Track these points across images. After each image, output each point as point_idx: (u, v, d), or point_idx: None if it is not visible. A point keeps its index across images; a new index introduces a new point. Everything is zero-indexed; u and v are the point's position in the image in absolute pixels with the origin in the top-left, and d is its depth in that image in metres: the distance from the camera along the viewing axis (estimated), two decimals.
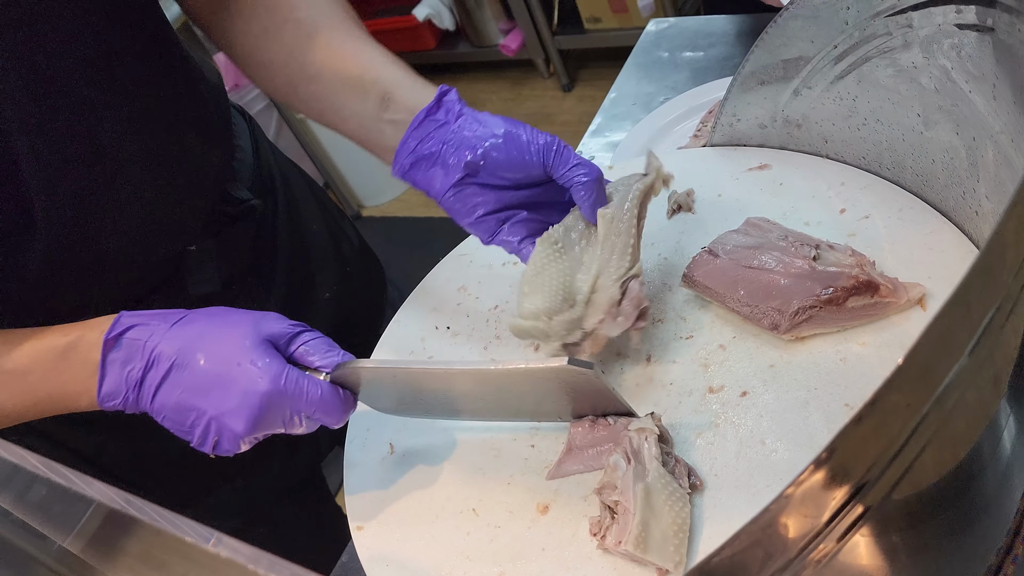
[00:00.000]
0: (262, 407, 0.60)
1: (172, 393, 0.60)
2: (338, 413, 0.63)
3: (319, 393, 0.61)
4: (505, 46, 3.01)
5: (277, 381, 0.60)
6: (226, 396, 0.59)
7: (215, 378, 0.60)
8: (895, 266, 0.69)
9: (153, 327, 0.61)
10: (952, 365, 0.35)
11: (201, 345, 0.60)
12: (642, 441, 0.62)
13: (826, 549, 0.36)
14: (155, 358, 0.60)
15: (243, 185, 0.88)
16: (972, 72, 0.61)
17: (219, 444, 0.62)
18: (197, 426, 0.61)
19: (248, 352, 0.60)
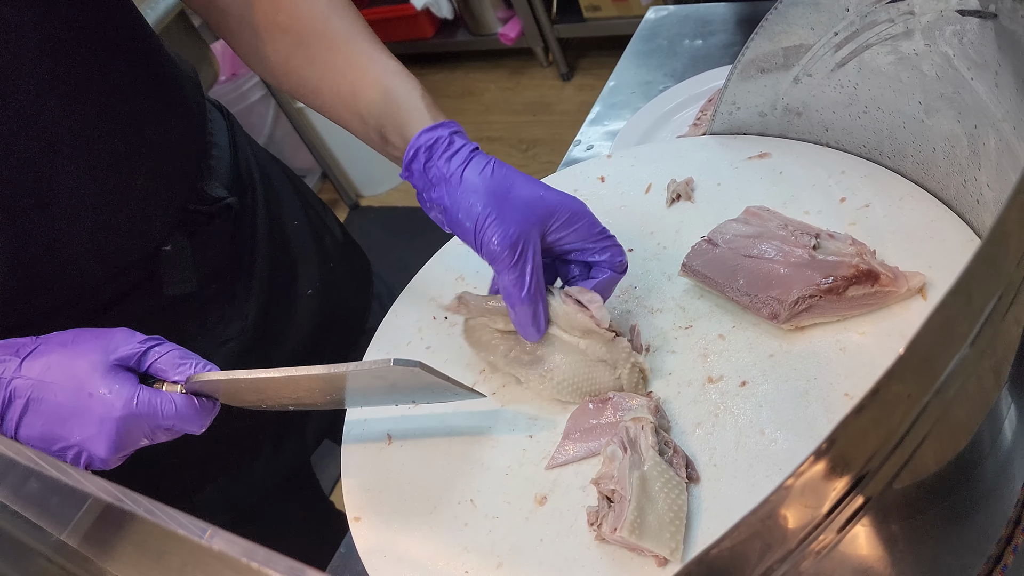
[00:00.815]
0: (119, 431, 0.62)
1: (35, 425, 0.62)
2: (197, 422, 0.65)
3: (173, 408, 0.63)
4: (503, 35, 3.00)
5: (129, 405, 0.61)
6: (85, 424, 0.61)
7: (71, 409, 0.61)
8: (896, 255, 0.69)
9: (5, 363, 0.62)
10: (953, 355, 0.35)
11: (53, 377, 0.62)
12: (638, 430, 0.62)
13: (826, 540, 0.36)
14: (11, 394, 0.61)
15: (219, 183, 0.86)
16: (974, 59, 0.61)
17: (92, 465, 0.63)
18: (66, 452, 0.62)
19: (98, 381, 0.62)
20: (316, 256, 1.01)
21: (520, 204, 0.67)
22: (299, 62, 0.78)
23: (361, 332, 1.05)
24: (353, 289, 1.08)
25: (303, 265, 0.98)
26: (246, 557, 0.27)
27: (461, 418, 0.74)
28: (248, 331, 0.90)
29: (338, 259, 1.06)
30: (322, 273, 1.01)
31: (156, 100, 0.78)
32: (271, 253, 0.93)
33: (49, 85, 0.66)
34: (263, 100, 2.64)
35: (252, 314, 0.90)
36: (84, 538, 0.34)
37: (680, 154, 0.89)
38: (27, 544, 0.37)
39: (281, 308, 0.94)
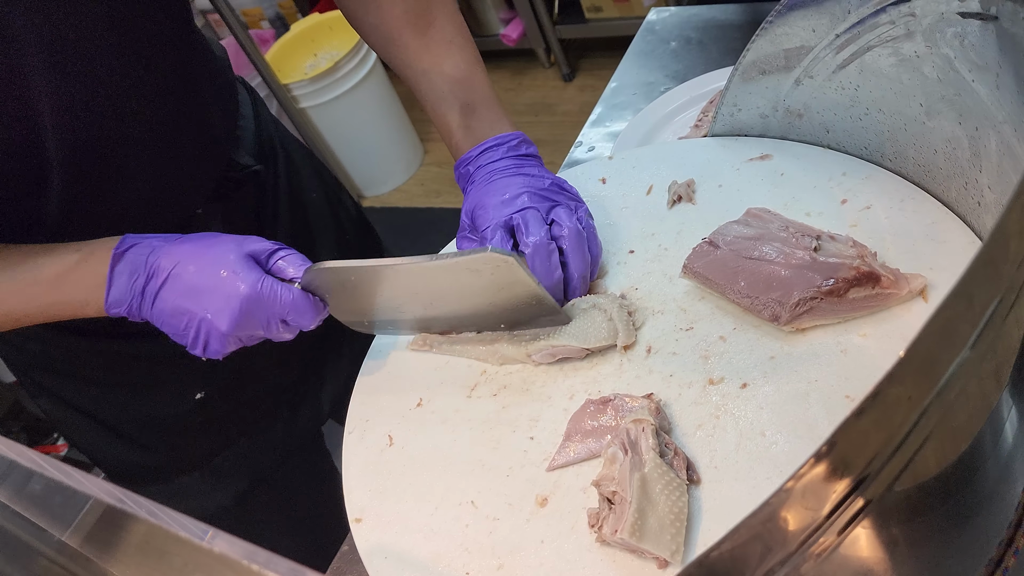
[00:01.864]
0: (242, 309, 0.68)
1: (168, 299, 0.69)
2: (309, 315, 0.71)
3: (291, 297, 0.70)
4: (506, 36, 3.00)
5: (254, 287, 0.68)
6: (212, 299, 0.68)
7: (203, 285, 0.68)
8: (897, 257, 0.69)
9: (153, 245, 0.70)
10: (954, 357, 0.35)
11: (192, 259, 0.69)
12: (639, 432, 0.62)
13: (827, 542, 0.36)
14: (154, 270, 0.69)
15: (246, 152, 0.92)
16: (975, 61, 0.61)
17: (208, 344, 0.70)
18: (190, 328, 0.69)
19: (231, 264, 0.69)
20: (333, 227, 1.06)
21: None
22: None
23: None
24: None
25: (321, 235, 1.04)
26: (247, 559, 0.27)
27: (462, 419, 0.74)
28: None
29: (352, 232, 1.11)
30: (339, 244, 1.06)
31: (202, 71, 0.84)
32: (291, 222, 0.99)
33: (119, 52, 0.72)
34: (265, 100, 2.64)
35: None
36: (85, 539, 0.34)
37: (681, 155, 0.89)
38: (29, 544, 0.37)
39: None
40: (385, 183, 2.89)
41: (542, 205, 0.76)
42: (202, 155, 0.85)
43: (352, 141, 2.73)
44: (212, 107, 0.86)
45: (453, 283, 0.72)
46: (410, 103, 2.87)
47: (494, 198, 0.76)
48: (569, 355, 0.73)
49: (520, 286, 0.71)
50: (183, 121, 0.81)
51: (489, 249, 0.66)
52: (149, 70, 0.76)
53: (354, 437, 0.77)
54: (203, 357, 0.71)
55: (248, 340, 0.72)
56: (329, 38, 2.71)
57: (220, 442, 0.98)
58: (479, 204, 0.77)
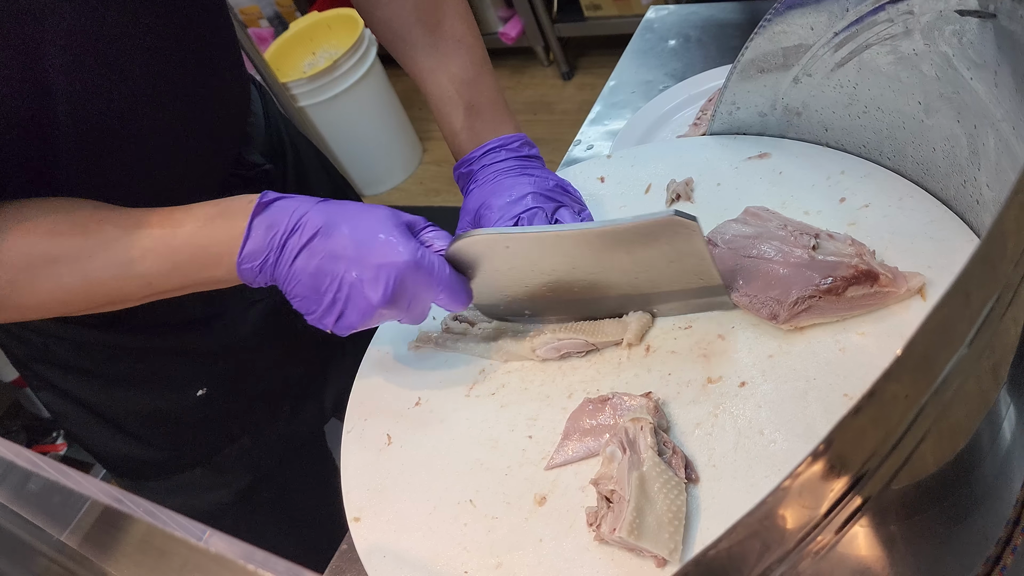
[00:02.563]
0: (399, 278, 0.64)
1: (312, 258, 0.64)
2: (461, 293, 0.69)
3: (446, 271, 0.67)
4: (504, 34, 3.00)
5: (415, 254, 0.64)
6: (366, 264, 0.63)
7: (357, 246, 0.63)
8: (895, 255, 0.69)
9: (300, 200, 0.66)
10: (951, 356, 0.35)
11: (346, 218, 0.65)
12: (637, 431, 0.62)
13: (824, 540, 0.36)
14: (301, 225, 0.64)
15: (256, 150, 0.91)
16: (974, 59, 0.61)
17: (345, 315, 0.65)
18: (330, 291, 0.64)
19: (391, 228, 0.65)
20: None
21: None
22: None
23: None
24: None
25: None
26: (244, 559, 0.27)
27: (461, 418, 0.74)
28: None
29: None
30: None
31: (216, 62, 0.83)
32: None
33: (134, 39, 0.70)
34: None
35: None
36: (83, 540, 0.34)
37: (680, 154, 0.89)
38: (29, 543, 0.37)
39: None
40: (384, 182, 2.89)
41: (547, 206, 0.76)
42: (212, 150, 0.84)
43: (351, 140, 2.73)
44: (225, 103, 0.85)
45: (621, 253, 0.68)
46: (409, 102, 2.87)
47: (500, 199, 0.76)
48: (573, 349, 0.73)
49: (693, 258, 0.67)
50: (195, 115, 0.80)
51: (673, 212, 0.63)
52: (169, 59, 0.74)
53: (352, 436, 0.77)
54: (330, 330, 0.67)
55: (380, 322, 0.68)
56: (328, 37, 2.71)
57: (222, 439, 0.98)
58: (485, 204, 0.77)
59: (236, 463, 1.00)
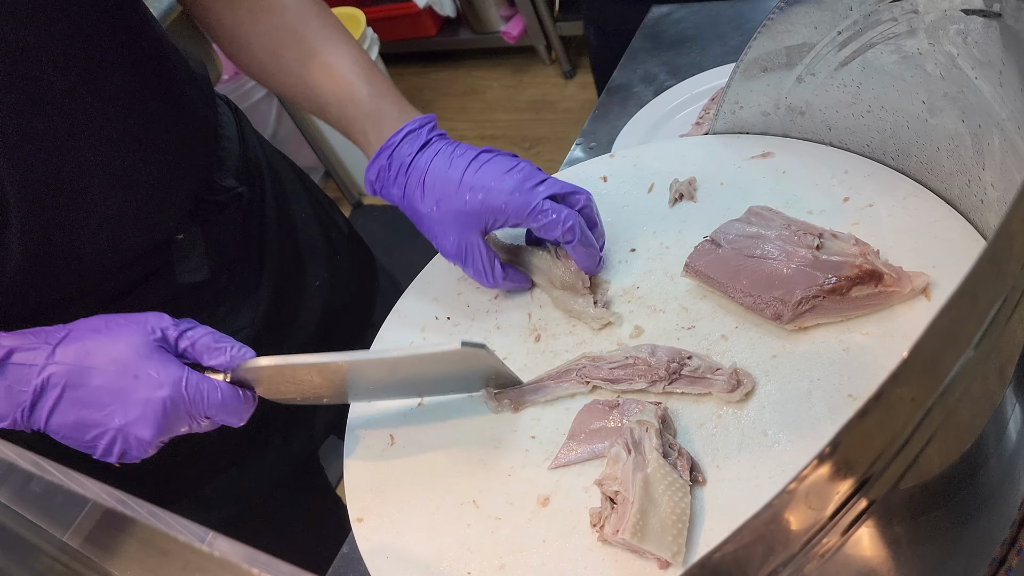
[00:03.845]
0: (166, 413, 0.61)
1: (69, 413, 0.60)
2: (239, 413, 0.65)
3: (219, 396, 0.63)
4: (506, 33, 3.00)
5: (178, 387, 0.61)
6: (128, 408, 0.60)
7: (114, 393, 0.60)
8: (899, 255, 0.68)
9: (37, 351, 0.61)
10: (958, 357, 0.34)
11: (92, 363, 0.61)
12: (643, 433, 0.61)
13: (830, 543, 0.36)
14: (44, 383, 0.60)
15: (228, 173, 0.88)
16: (978, 58, 0.60)
17: (126, 454, 0.62)
18: (101, 439, 0.61)
19: (144, 363, 0.61)
20: (323, 248, 1.02)
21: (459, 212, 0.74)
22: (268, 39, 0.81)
23: (367, 324, 1.06)
24: (358, 282, 1.10)
25: (311, 257, 1.00)
26: (247, 563, 0.27)
27: (464, 418, 0.73)
28: (259, 321, 0.91)
29: (344, 252, 1.07)
30: (329, 265, 1.02)
31: (170, 91, 0.80)
32: (280, 244, 0.95)
33: (72, 68, 0.67)
34: (266, 99, 2.64)
35: (262, 304, 0.91)
36: (85, 542, 0.34)
37: (683, 153, 0.89)
38: (32, 543, 0.37)
39: (290, 298, 0.96)
40: None
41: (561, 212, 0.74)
42: (174, 176, 0.79)
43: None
44: (184, 127, 0.81)
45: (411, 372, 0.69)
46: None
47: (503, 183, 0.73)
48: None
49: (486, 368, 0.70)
50: (148, 145, 0.75)
51: (460, 344, 0.62)
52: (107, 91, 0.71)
53: (355, 437, 0.77)
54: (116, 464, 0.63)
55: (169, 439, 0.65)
56: None
57: (208, 472, 0.94)
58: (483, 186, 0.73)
59: (223, 496, 0.96)
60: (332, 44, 0.80)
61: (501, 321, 0.81)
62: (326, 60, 0.80)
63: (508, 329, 0.80)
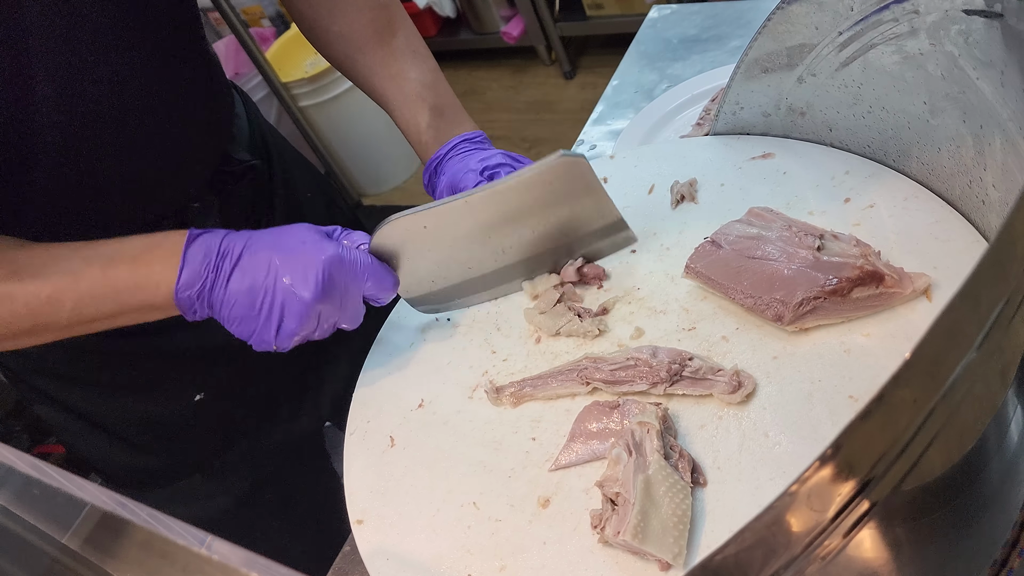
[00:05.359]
0: (326, 272, 0.67)
1: (245, 276, 0.67)
2: (387, 283, 0.73)
3: (369, 261, 0.71)
4: (506, 33, 3.00)
5: (336, 249, 0.69)
6: (294, 267, 0.67)
7: (283, 255, 0.67)
8: (900, 256, 0.68)
9: (222, 232, 0.70)
10: (960, 359, 0.34)
11: (267, 236, 0.69)
12: (644, 434, 0.61)
13: (832, 545, 0.36)
14: (230, 249, 0.68)
15: (242, 147, 0.92)
16: (980, 59, 0.60)
17: (283, 322, 0.68)
18: (265, 303, 0.67)
19: (310, 234, 0.69)
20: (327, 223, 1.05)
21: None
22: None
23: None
24: None
25: None
26: (245, 566, 0.27)
27: (464, 420, 0.73)
28: None
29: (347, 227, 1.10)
30: None
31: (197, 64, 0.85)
32: (287, 218, 0.99)
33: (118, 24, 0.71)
34: (266, 99, 2.64)
35: None
36: (83, 545, 0.34)
37: (683, 154, 0.89)
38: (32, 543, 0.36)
39: None
40: (385, 181, 2.89)
41: (517, 164, 0.80)
42: (197, 143, 0.85)
43: (352, 140, 2.73)
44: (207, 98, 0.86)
45: (527, 204, 0.74)
46: None
47: (472, 163, 0.80)
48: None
49: (590, 197, 0.75)
50: (178, 106, 0.80)
51: (560, 152, 0.69)
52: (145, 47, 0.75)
53: (356, 438, 0.76)
54: (273, 346, 0.69)
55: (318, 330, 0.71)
56: None
57: (220, 444, 0.98)
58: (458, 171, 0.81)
59: (235, 469, 1.00)
60: (403, 57, 0.87)
61: (501, 322, 0.81)
62: (395, 72, 0.87)
63: (509, 330, 0.80)
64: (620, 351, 0.71)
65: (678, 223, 0.82)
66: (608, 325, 0.75)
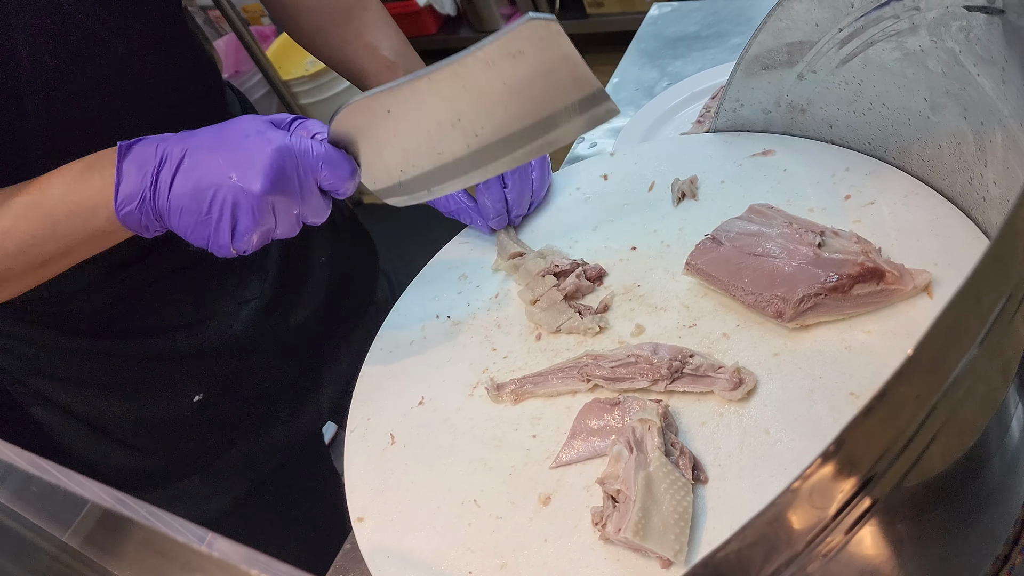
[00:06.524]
0: (273, 162, 0.63)
1: (188, 180, 0.63)
2: (345, 169, 0.67)
3: (323, 150, 0.66)
4: None
5: (284, 139, 0.64)
6: (240, 163, 0.62)
7: (228, 152, 0.63)
8: (901, 253, 0.68)
9: (157, 137, 0.65)
10: (962, 356, 0.34)
11: (208, 136, 0.64)
12: (645, 431, 0.61)
13: (833, 542, 0.36)
14: (168, 154, 0.63)
15: None
16: (980, 55, 0.60)
17: (238, 222, 0.63)
18: (215, 204, 0.63)
19: (255, 125, 0.65)
20: (327, 226, 1.06)
21: None
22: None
23: (370, 302, 1.10)
24: (361, 260, 1.14)
25: (316, 233, 1.03)
26: (245, 564, 0.27)
27: (464, 418, 0.73)
28: (267, 292, 0.95)
29: (347, 231, 1.11)
30: (333, 243, 1.06)
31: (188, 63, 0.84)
32: None
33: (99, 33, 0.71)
34: (266, 97, 2.64)
35: (270, 275, 0.95)
36: (84, 542, 0.34)
37: (683, 151, 0.89)
38: (32, 542, 0.36)
39: (297, 272, 1.00)
40: None
41: None
42: None
43: None
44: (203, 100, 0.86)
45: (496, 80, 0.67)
46: None
47: None
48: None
49: (565, 65, 0.68)
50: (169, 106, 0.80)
51: (528, 15, 0.63)
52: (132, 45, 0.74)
53: (356, 436, 0.76)
54: (232, 250, 0.65)
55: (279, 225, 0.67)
56: None
57: (219, 445, 0.97)
58: None
59: (234, 469, 0.99)
60: (375, 27, 0.88)
61: (501, 320, 0.81)
62: (369, 41, 0.87)
63: (509, 327, 0.79)
64: (621, 348, 0.71)
65: (678, 220, 0.82)
66: (609, 322, 0.75)
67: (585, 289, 0.79)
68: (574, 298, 0.79)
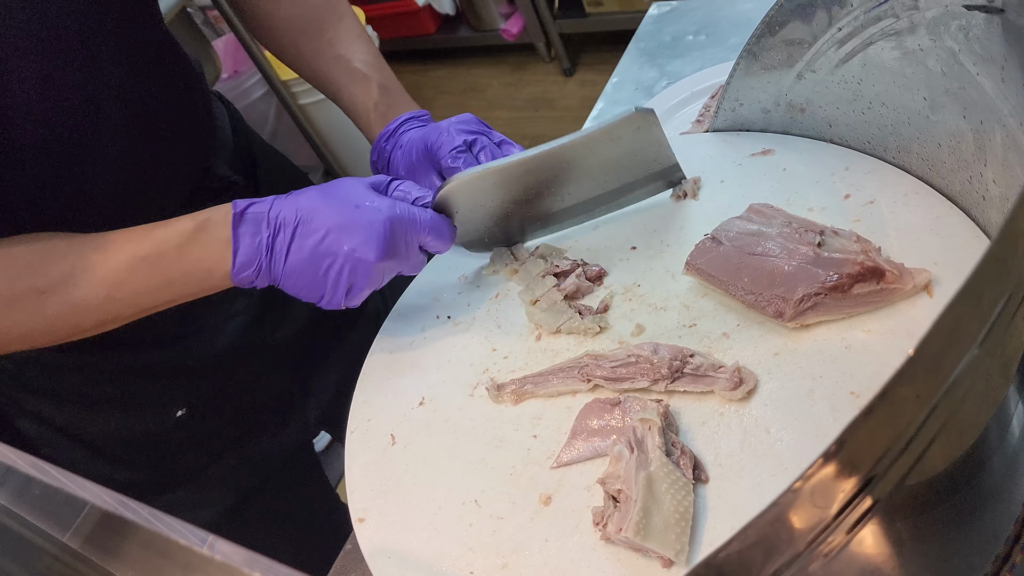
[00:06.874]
0: (386, 233, 0.68)
1: (304, 249, 0.67)
2: (445, 234, 0.74)
3: (428, 217, 0.72)
4: (506, 30, 3.00)
5: (393, 210, 0.69)
6: (353, 233, 0.67)
7: (340, 222, 0.67)
8: (901, 252, 0.68)
9: (268, 201, 0.69)
10: (963, 355, 0.34)
11: (317, 204, 0.68)
12: (645, 431, 0.61)
13: (835, 542, 0.36)
14: (280, 223, 0.67)
15: (224, 163, 0.91)
16: (980, 54, 0.60)
17: (353, 285, 0.69)
18: (332, 270, 0.68)
19: (362, 195, 0.69)
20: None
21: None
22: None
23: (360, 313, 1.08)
24: None
25: None
26: (247, 566, 0.27)
27: (465, 418, 0.73)
28: (254, 306, 0.94)
29: None
30: None
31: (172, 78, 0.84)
32: None
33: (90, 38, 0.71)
34: (265, 97, 2.63)
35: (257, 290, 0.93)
36: (84, 543, 0.34)
37: (683, 151, 0.89)
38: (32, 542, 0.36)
39: None
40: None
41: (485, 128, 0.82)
42: (172, 164, 0.83)
43: (351, 138, 2.73)
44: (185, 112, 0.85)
45: (592, 158, 0.76)
46: None
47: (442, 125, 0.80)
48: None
49: (652, 146, 0.77)
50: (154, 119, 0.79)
51: (634, 109, 0.72)
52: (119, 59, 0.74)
53: (356, 437, 0.76)
54: (343, 306, 0.70)
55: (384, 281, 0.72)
56: None
57: (205, 458, 0.96)
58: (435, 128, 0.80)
59: (221, 482, 0.98)
60: (348, 39, 0.88)
61: (502, 320, 0.81)
62: (341, 53, 0.87)
63: (509, 328, 0.79)
64: (621, 348, 0.71)
65: (678, 220, 0.82)
66: (609, 322, 0.75)
67: (585, 289, 0.79)
68: (574, 298, 0.79)
